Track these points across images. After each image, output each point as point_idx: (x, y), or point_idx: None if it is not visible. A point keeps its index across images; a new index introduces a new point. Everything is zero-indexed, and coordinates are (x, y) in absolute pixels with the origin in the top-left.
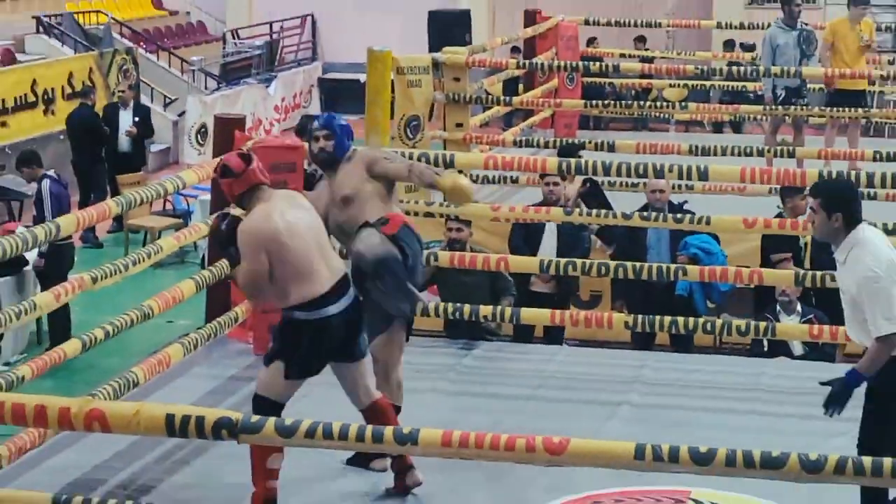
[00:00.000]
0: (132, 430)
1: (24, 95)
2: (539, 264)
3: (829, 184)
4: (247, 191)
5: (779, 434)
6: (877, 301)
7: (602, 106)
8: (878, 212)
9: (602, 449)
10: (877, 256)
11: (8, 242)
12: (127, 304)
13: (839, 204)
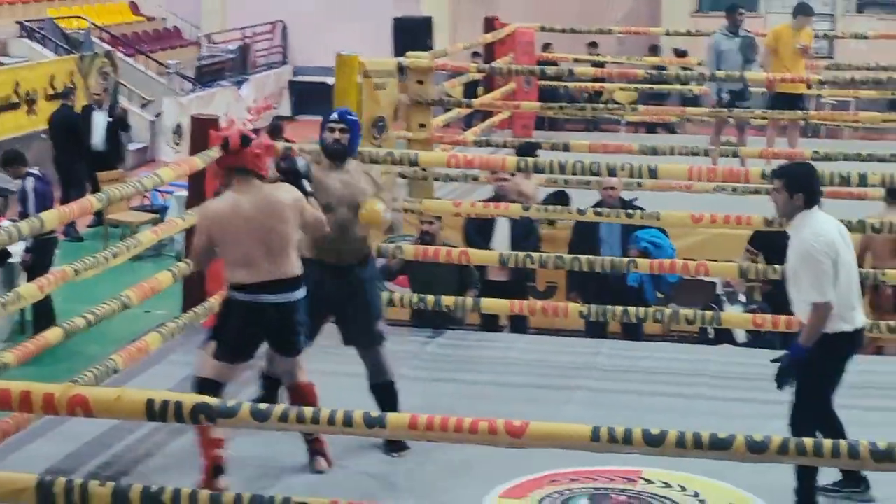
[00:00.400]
0: (114, 415)
1: (8, 97)
2: (499, 257)
3: (793, 166)
4: (232, 170)
5: (723, 417)
6: (810, 271)
7: (558, 108)
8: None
9: (560, 431)
10: (819, 233)
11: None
12: (107, 295)
13: (801, 184)
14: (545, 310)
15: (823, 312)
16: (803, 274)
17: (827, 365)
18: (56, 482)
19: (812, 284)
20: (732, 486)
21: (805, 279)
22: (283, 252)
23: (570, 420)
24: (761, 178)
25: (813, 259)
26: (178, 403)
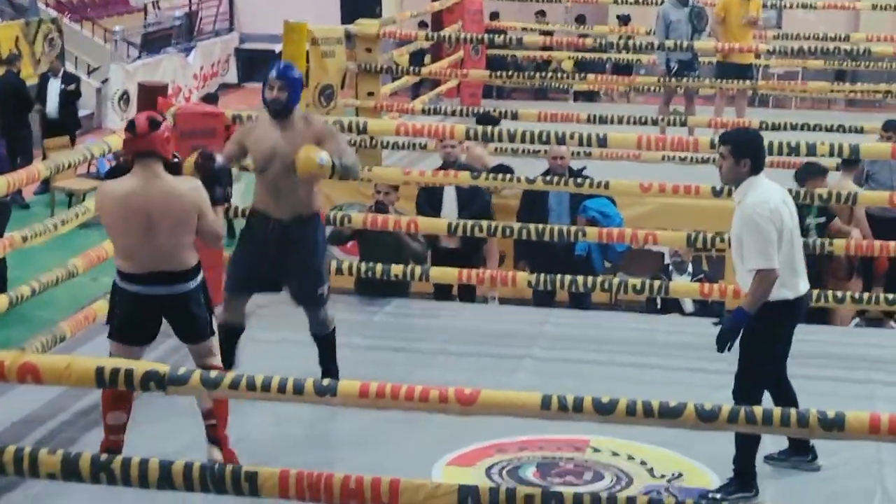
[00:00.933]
0: (63, 382)
1: None
2: (447, 226)
3: (740, 132)
4: (138, 154)
5: (672, 385)
6: (754, 237)
7: (506, 76)
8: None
9: (511, 399)
10: (765, 199)
11: None
12: (54, 263)
13: (748, 150)
14: (493, 278)
15: (768, 278)
16: (748, 241)
17: (770, 333)
18: (6, 450)
19: (758, 251)
20: (681, 455)
21: (750, 246)
22: (172, 247)
23: (518, 388)
24: (710, 148)
25: (758, 226)
26: (128, 371)
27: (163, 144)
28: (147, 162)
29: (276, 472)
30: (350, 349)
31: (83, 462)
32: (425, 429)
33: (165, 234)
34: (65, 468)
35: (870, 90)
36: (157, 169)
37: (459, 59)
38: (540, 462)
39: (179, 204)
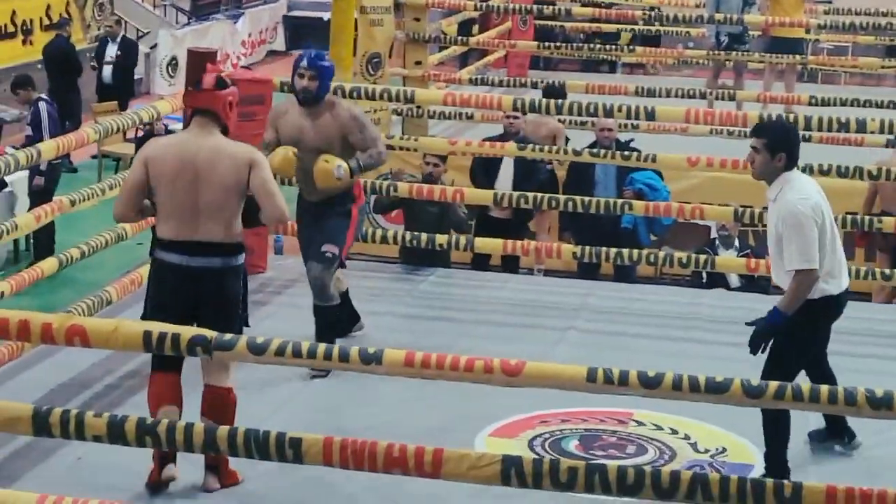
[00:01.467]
0: (111, 346)
1: (4, 26)
2: (493, 196)
3: (776, 125)
4: (196, 110)
5: (715, 360)
6: (795, 236)
7: (553, 48)
8: (813, 153)
9: (556, 371)
10: (805, 196)
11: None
12: (101, 227)
13: (784, 144)
14: (538, 250)
15: (808, 280)
16: (788, 240)
17: (809, 330)
18: (52, 412)
19: (799, 251)
20: (724, 430)
21: (791, 246)
22: (218, 210)
23: (562, 360)
24: (758, 121)
25: (800, 225)
26: (175, 335)
27: (224, 106)
28: (204, 120)
29: (320, 439)
30: (393, 317)
31: (129, 425)
32: (468, 399)
33: (212, 193)
34: (111, 431)
35: None
36: (213, 129)
37: (507, 30)
38: (583, 435)
39: (231, 162)
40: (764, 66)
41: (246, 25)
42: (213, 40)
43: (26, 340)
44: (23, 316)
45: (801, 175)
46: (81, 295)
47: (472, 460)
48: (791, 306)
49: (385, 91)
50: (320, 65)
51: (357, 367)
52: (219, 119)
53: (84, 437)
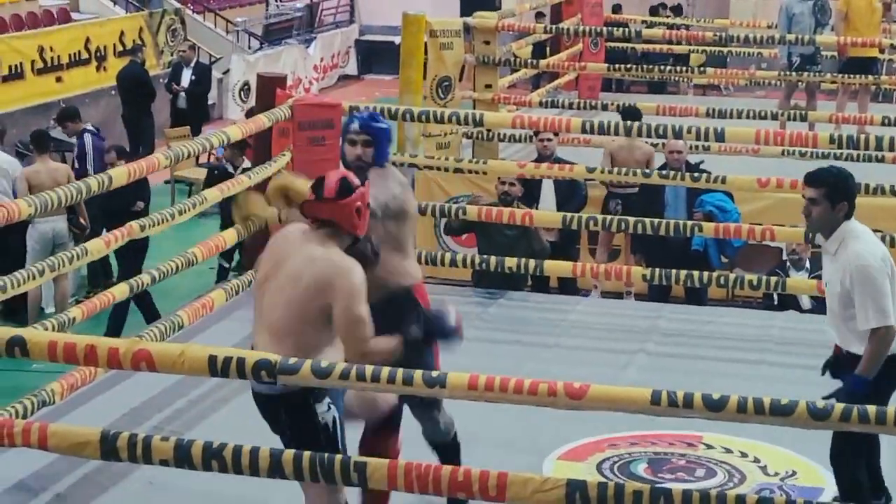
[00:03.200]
0: (177, 370)
1: (78, 52)
2: (562, 219)
3: (832, 172)
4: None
5: (787, 383)
6: (869, 292)
7: (624, 69)
8: (886, 174)
9: (620, 394)
10: (872, 248)
11: (64, 192)
12: (172, 252)
13: (845, 194)
14: (608, 273)
15: (888, 336)
16: (860, 296)
17: (881, 388)
18: (120, 436)
19: (875, 308)
20: (795, 453)
21: (861, 300)
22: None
23: (630, 383)
24: (828, 144)
25: (871, 278)
26: (240, 360)
27: (350, 217)
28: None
29: (385, 463)
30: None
31: (195, 450)
32: (538, 422)
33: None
34: (177, 455)
35: None
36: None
37: (578, 52)
38: (652, 458)
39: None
40: (837, 86)
41: (318, 50)
42: (285, 65)
43: (94, 365)
44: (90, 341)
45: (859, 225)
46: None
47: (536, 484)
48: (871, 369)
49: (454, 114)
50: (375, 127)
51: (421, 390)
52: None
53: (151, 462)
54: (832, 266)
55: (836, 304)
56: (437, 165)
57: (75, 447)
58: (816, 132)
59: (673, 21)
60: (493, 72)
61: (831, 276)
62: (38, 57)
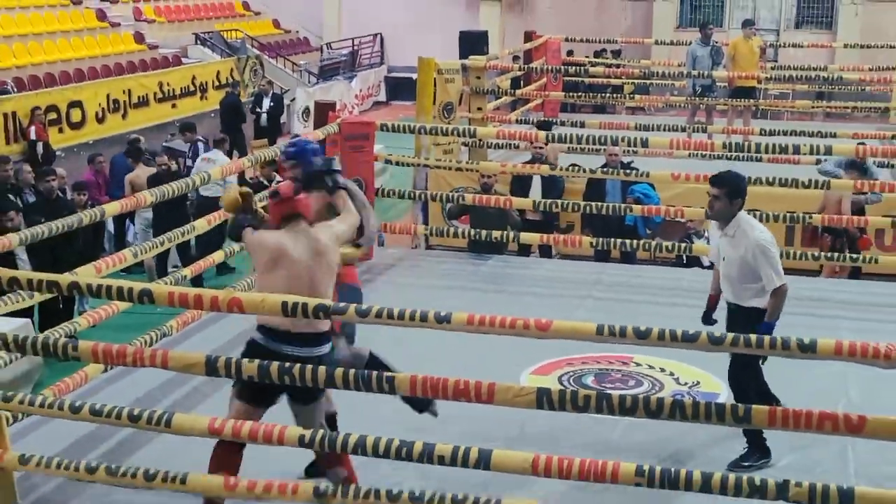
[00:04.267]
0: (259, 312)
1: (187, 87)
2: (533, 203)
3: (732, 176)
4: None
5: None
6: (769, 262)
7: (576, 96)
8: (763, 170)
9: (574, 327)
10: (764, 232)
11: (177, 185)
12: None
13: (740, 192)
14: (565, 241)
15: (784, 291)
16: (764, 266)
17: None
18: (219, 359)
19: (774, 271)
20: (698, 369)
21: (766, 270)
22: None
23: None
24: (722, 148)
25: (770, 253)
26: (304, 304)
27: (307, 207)
28: (295, 223)
29: (407, 376)
30: (462, 290)
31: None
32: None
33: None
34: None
35: (841, 106)
36: (302, 223)
37: (544, 84)
38: (597, 372)
39: (326, 252)
40: (727, 107)
41: (358, 83)
42: (334, 94)
43: (200, 309)
44: (198, 292)
45: (747, 215)
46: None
47: (515, 391)
48: (776, 316)
49: (455, 129)
50: (292, 151)
51: (432, 325)
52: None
53: (241, 377)
54: (730, 245)
55: (734, 272)
56: (444, 165)
57: (187, 367)
58: (713, 140)
59: (611, 61)
60: (482, 99)
61: (730, 252)
62: (159, 90)
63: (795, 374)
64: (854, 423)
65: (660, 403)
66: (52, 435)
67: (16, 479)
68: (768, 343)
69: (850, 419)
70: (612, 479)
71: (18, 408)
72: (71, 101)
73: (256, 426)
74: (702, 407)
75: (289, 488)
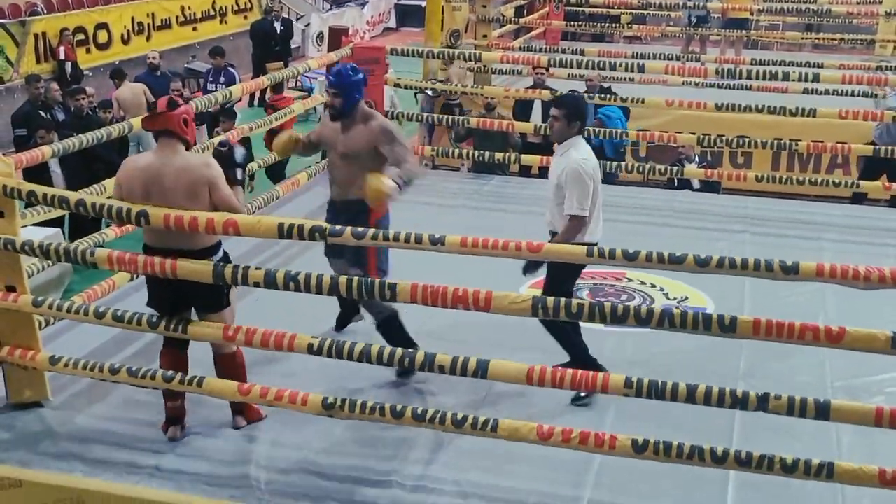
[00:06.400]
0: (255, 234)
1: (207, 11)
2: (532, 127)
3: (573, 99)
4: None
5: (683, 238)
6: (576, 188)
7: (577, 25)
8: (752, 98)
9: (565, 249)
10: (588, 158)
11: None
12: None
13: (578, 115)
14: None
15: (579, 224)
16: (570, 190)
17: (572, 267)
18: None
19: (577, 200)
20: (687, 285)
21: (570, 193)
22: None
23: None
24: (714, 75)
25: (581, 178)
26: (300, 226)
27: (180, 124)
28: (168, 140)
29: (408, 284)
30: (466, 209)
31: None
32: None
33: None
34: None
35: (828, 38)
36: (179, 146)
37: (546, 13)
38: (592, 287)
39: (188, 177)
40: (721, 38)
41: (369, 10)
42: (347, 20)
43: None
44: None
45: (585, 142)
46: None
47: (511, 298)
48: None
49: (461, 54)
50: (343, 82)
51: (427, 248)
52: (178, 136)
53: (248, 284)
54: (556, 164)
55: (551, 193)
56: (450, 89)
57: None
58: (706, 67)
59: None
60: (488, 26)
61: (554, 170)
62: (181, 13)
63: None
64: (834, 333)
65: (650, 312)
66: (80, 338)
67: (47, 378)
68: (752, 266)
69: (831, 330)
70: (603, 390)
71: (49, 312)
72: (98, 23)
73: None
74: (689, 316)
75: (299, 398)
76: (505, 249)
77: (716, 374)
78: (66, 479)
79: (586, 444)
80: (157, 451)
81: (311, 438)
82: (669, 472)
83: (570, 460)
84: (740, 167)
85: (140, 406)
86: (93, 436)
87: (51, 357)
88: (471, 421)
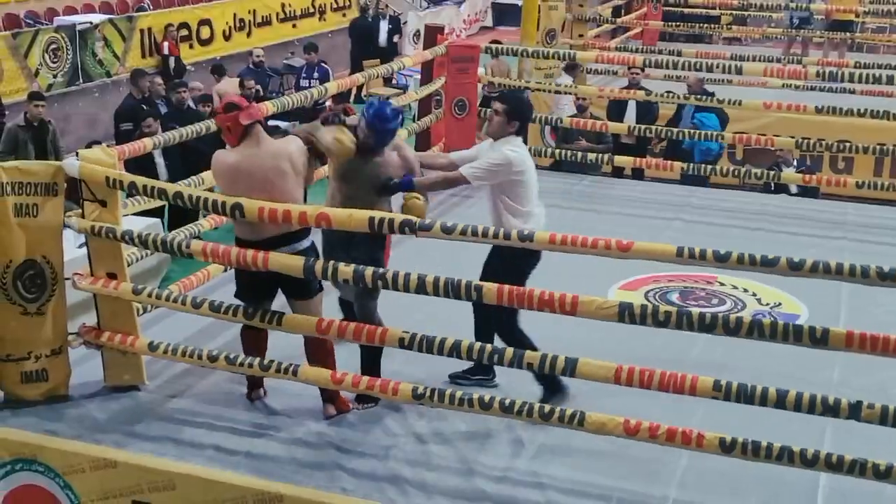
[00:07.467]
0: (346, 227)
1: (307, 8)
2: (627, 129)
3: (517, 97)
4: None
5: (777, 243)
6: (488, 157)
7: (675, 25)
8: (855, 102)
9: (653, 248)
10: (517, 150)
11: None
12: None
13: (518, 115)
14: (657, 164)
15: (459, 182)
16: (486, 156)
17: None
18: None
19: (481, 168)
20: (781, 290)
21: (482, 161)
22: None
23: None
24: (815, 77)
25: (500, 157)
26: (390, 220)
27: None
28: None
29: (494, 286)
30: (554, 209)
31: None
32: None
33: (279, 196)
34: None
35: None
36: (258, 135)
37: (644, 13)
38: (682, 290)
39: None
40: (824, 40)
41: (466, 9)
42: (444, 19)
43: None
44: (286, 207)
45: (521, 142)
46: None
47: (598, 304)
48: (432, 185)
49: (556, 53)
50: (379, 128)
51: (516, 244)
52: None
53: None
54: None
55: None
56: (544, 88)
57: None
58: (807, 68)
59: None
60: (584, 26)
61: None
62: (281, 10)
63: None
64: None
65: (738, 322)
66: (176, 326)
67: (144, 362)
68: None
69: None
70: (691, 392)
71: (147, 300)
72: (201, 20)
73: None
74: (779, 327)
75: (389, 387)
76: (594, 247)
77: (805, 381)
78: (158, 461)
79: (673, 440)
80: (247, 436)
81: (396, 430)
82: (756, 477)
83: (651, 459)
84: (840, 173)
85: (231, 394)
86: (186, 420)
87: (150, 343)
88: (558, 413)
